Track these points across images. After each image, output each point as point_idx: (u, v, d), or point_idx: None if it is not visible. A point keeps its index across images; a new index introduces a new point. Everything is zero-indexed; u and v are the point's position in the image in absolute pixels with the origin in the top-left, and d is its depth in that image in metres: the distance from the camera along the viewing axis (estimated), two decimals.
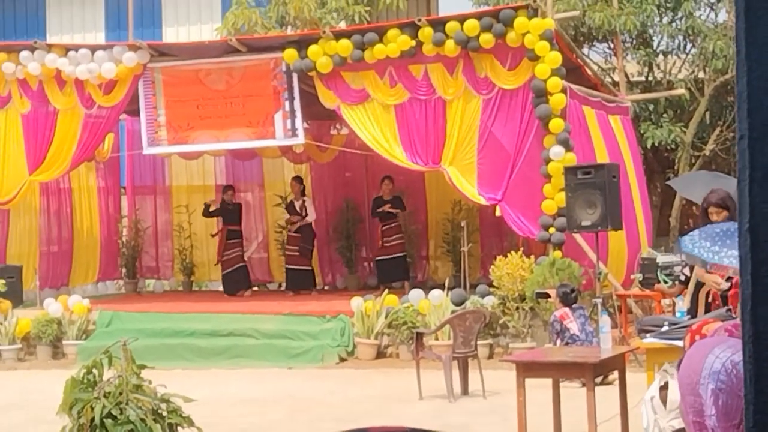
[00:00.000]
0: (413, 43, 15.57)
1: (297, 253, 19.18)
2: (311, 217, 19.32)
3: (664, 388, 6.56)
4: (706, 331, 5.26)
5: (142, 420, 6.48)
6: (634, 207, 17.04)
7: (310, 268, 19.51)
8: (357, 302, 15.60)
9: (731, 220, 8.94)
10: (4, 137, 17.55)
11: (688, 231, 12.54)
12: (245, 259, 19.98)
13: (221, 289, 20.51)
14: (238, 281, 19.55)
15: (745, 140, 2.06)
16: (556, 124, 14.89)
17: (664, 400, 6.52)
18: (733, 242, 11.20)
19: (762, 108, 2.04)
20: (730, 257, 11.41)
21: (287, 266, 19.56)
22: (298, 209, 19.12)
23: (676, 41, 21.61)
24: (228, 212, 19.66)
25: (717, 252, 11.63)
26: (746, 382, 2.11)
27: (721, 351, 3.90)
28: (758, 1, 2.04)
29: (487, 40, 15.16)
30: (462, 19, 15.39)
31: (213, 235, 20.21)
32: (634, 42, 21.72)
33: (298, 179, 19.64)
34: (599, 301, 12.67)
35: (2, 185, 17.59)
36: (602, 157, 15.58)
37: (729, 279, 7.81)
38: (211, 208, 19.74)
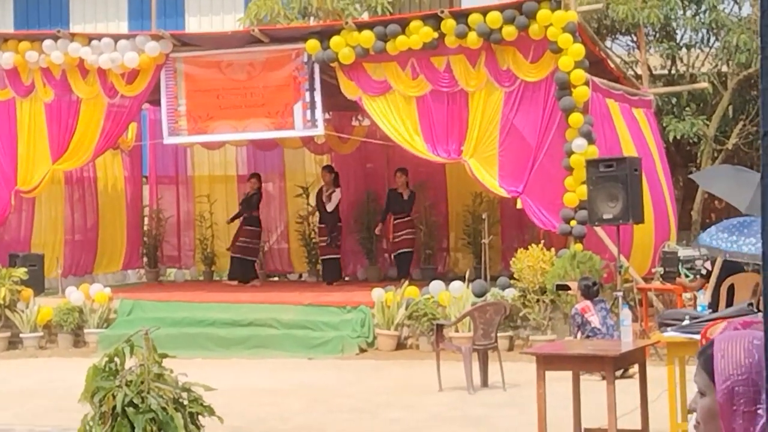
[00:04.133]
0: (435, 35, 15.55)
1: (325, 243, 19.28)
2: (330, 206, 19.30)
3: None
4: (710, 335, 5.25)
5: (164, 409, 6.50)
6: (664, 199, 16.96)
7: (337, 256, 19.55)
8: (377, 293, 15.60)
9: None
10: (27, 126, 17.58)
11: (710, 225, 12.55)
12: (257, 254, 19.99)
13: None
14: (241, 271, 19.51)
15: None
16: (578, 117, 14.84)
17: None
18: (750, 230, 11.22)
19: None
20: (748, 245, 11.47)
21: (321, 257, 19.69)
22: (324, 199, 19.16)
23: (700, 34, 21.51)
24: (247, 199, 19.72)
25: (735, 241, 11.68)
26: (767, 372, 2.12)
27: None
28: None
29: (509, 32, 15.13)
30: (485, 11, 15.36)
31: (229, 222, 20.22)
32: (657, 35, 21.62)
33: (328, 168, 19.64)
34: (620, 294, 12.66)
35: (26, 174, 17.61)
36: (628, 150, 15.53)
37: None
38: None
